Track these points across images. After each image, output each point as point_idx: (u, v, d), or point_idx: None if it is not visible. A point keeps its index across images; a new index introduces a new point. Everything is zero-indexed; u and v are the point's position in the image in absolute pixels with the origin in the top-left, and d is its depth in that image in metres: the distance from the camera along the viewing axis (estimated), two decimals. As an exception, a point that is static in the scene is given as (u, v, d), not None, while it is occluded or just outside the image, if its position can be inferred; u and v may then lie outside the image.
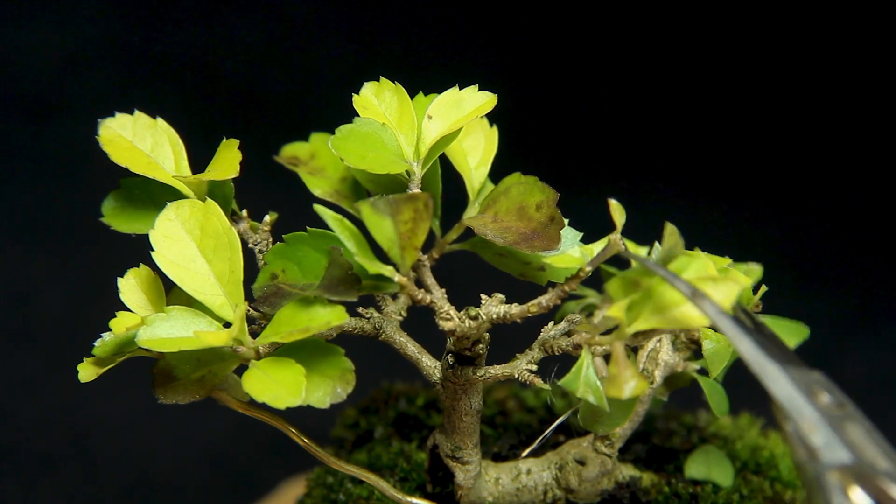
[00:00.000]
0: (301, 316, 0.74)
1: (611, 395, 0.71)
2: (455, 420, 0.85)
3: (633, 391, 0.70)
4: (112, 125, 0.84)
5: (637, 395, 0.71)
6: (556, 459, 0.91)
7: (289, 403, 0.71)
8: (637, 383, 0.70)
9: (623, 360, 0.71)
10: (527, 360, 0.80)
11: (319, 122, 0.91)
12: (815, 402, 0.66)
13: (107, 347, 0.78)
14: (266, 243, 0.85)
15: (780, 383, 0.67)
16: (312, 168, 0.89)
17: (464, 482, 0.87)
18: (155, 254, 0.77)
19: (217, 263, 0.77)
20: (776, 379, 0.67)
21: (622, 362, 0.71)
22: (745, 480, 0.98)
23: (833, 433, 0.65)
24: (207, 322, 0.76)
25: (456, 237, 0.82)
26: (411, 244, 0.71)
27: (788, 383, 0.67)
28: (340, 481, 0.96)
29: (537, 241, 0.77)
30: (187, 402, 0.78)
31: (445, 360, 0.81)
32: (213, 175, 0.81)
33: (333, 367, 0.75)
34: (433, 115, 0.81)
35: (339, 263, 0.74)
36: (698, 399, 0.91)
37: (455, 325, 0.76)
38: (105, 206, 0.85)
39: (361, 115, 0.81)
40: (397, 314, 0.85)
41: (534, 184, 0.80)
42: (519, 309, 0.76)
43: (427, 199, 0.70)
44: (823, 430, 0.65)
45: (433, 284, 0.78)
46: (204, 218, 0.78)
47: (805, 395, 0.67)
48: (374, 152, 0.78)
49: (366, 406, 1.08)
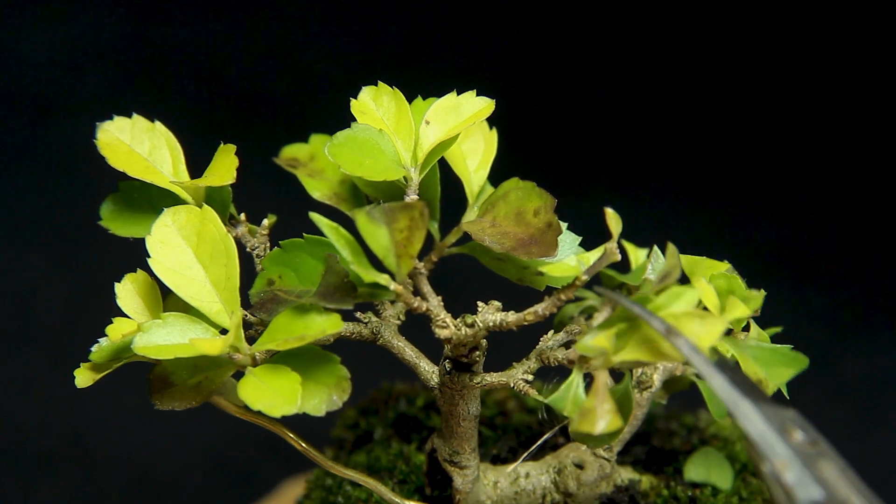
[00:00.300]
0: (297, 323, 0.74)
1: (581, 429, 0.70)
2: (453, 425, 0.85)
3: (605, 428, 0.69)
4: (110, 129, 0.84)
5: (610, 432, 0.70)
6: (554, 463, 0.91)
7: (284, 412, 0.71)
8: (610, 420, 0.69)
9: (602, 394, 0.70)
10: (523, 369, 0.79)
11: (319, 123, 0.91)
12: (789, 440, 0.66)
13: (103, 353, 0.77)
14: (264, 247, 0.85)
15: (753, 421, 0.67)
16: (311, 170, 0.88)
17: (462, 486, 0.87)
18: (151, 260, 0.77)
19: (213, 270, 0.77)
20: (750, 417, 0.67)
21: (601, 395, 0.70)
22: (744, 482, 0.98)
23: (806, 471, 0.66)
24: (204, 329, 0.76)
25: (454, 241, 0.82)
26: (407, 253, 0.71)
27: (762, 421, 0.67)
28: (339, 483, 0.96)
29: (535, 247, 0.77)
30: (184, 407, 0.78)
31: (443, 365, 0.81)
32: (211, 181, 0.81)
33: (329, 375, 0.75)
34: (431, 120, 0.81)
35: (336, 271, 0.74)
36: (699, 399, 0.91)
37: (451, 333, 0.76)
38: (103, 209, 0.84)
39: (359, 119, 0.81)
40: (395, 318, 0.85)
41: (532, 189, 0.80)
42: (515, 317, 0.76)
43: (423, 208, 0.70)
44: (796, 467, 0.66)
45: (430, 292, 0.78)
46: (201, 224, 0.78)
47: (778, 433, 0.67)
48: (371, 159, 0.78)
49: (365, 407, 1.08)
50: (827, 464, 0.66)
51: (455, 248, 0.82)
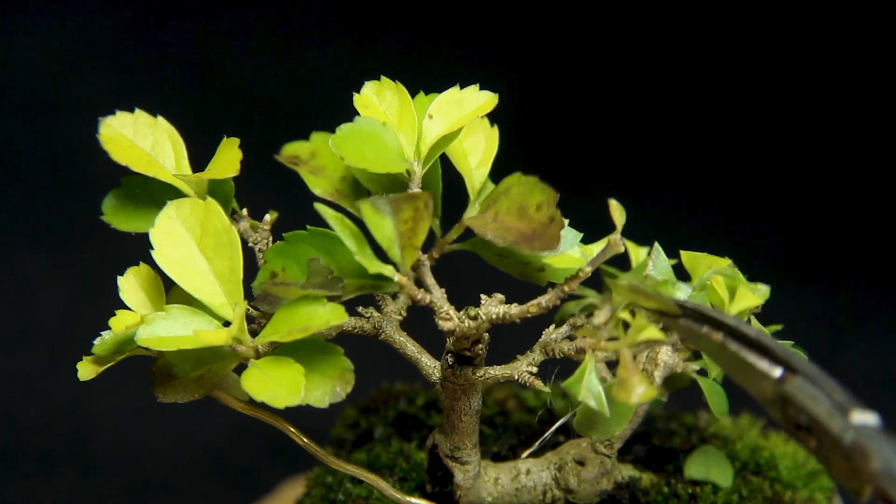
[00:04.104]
0: (300, 315, 0.74)
1: (620, 399, 0.70)
2: (454, 420, 0.85)
3: (641, 396, 0.70)
4: (113, 123, 0.84)
5: (643, 401, 0.71)
6: (555, 460, 0.91)
7: (288, 403, 0.71)
8: (645, 389, 0.69)
9: (631, 366, 0.70)
10: (527, 361, 0.80)
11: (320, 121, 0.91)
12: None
13: (106, 346, 0.78)
14: (266, 242, 0.85)
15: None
16: (313, 167, 0.88)
17: (463, 482, 0.87)
18: (155, 252, 0.77)
19: (217, 262, 0.77)
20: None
21: (630, 367, 0.70)
22: (744, 481, 0.98)
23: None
24: (207, 321, 0.76)
25: (456, 237, 0.82)
26: (411, 244, 0.71)
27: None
28: (340, 481, 0.96)
29: (537, 241, 0.77)
30: (186, 400, 0.78)
31: (445, 360, 0.81)
32: (214, 174, 0.81)
33: (333, 367, 0.75)
34: (434, 114, 0.81)
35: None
36: (699, 399, 0.91)
37: (454, 326, 0.76)
38: (105, 204, 0.84)
39: (362, 114, 0.81)
40: (397, 314, 0.85)
41: (534, 184, 0.80)
42: (518, 309, 0.76)
43: (427, 199, 0.70)
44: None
45: (433, 284, 0.78)
46: (204, 216, 0.78)
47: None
48: (374, 151, 0.78)
49: (366, 406, 1.08)
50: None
51: (457, 244, 0.83)
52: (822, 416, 0.66)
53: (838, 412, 0.66)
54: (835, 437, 0.66)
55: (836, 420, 0.66)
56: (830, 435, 0.66)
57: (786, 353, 0.68)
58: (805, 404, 0.67)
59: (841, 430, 0.66)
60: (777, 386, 0.68)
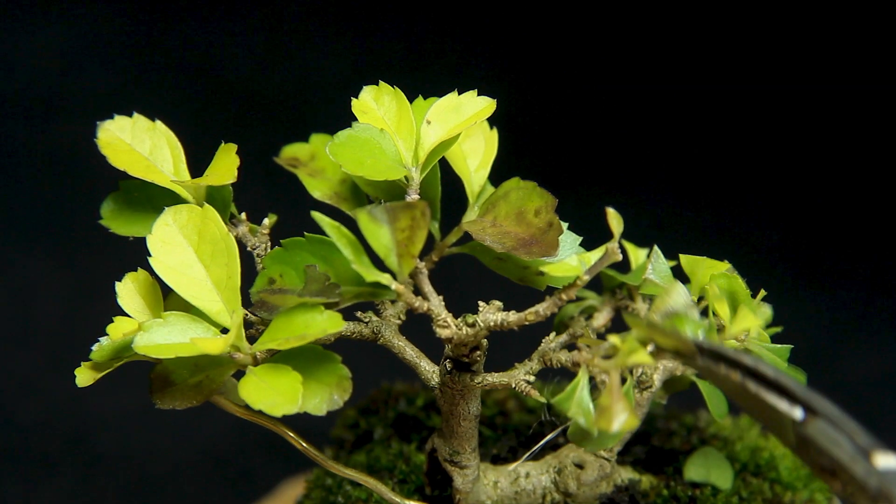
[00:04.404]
0: (298, 323, 0.73)
1: (600, 427, 0.69)
2: (453, 425, 0.85)
3: (622, 426, 0.69)
4: (111, 128, 0.84)
5: (625, 431, 0.70)
6: (554, 463, 0.91)
7: (285, 411, 0.71)
8: (627, 418, 0.69)
9: (616, 392, 0.69)
10: (525, 370, 0.79)
11: (320, 123, 0.91)
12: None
13: (104, 352, 0.77)
14: (265, 247, 0.85)
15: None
16: (312, 170, 0.88)
17: (462, 486, 0.87)
18: (152, 259, 0.77)
19: (214, 269, 0.77)
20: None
21: (615, 394, 0.69)
22: (744, 482, 0.98)
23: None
24: (205, 328, 0.76)
25: (455, 240, 0.82)
26: (408, 252, 0.71)
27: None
28: (339, 483, 0.96)
29: (536, 247, 0.77)
30: (184, 407, 0.78)
31: (443, 365, 0.81)
32: (211, 180, 0.81)
33: (330, 375, 0.75)
34: (432, 119, 0.81)
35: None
36: (699, 398, 0.91)
37: (452, 333, 0.76)
38: (104, 208, 0.84)
39: (360, 119, 0.81)
40: (396, 318, 0.85)
41: (532, 189, 0.80)
42: (516, 317, 0.76)
43: (424, 207, 0.70)
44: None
45: (431, 292, 0.78)
46: (202, 223, 0.78)
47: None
48: (372, 158, 0.78)
49: (365, 406, 1.08)
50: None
51: (456, 247, 0.82)
52: (846, 460, 0.66)
53: (861, 456, 0.66)
54: (860, 481, 0.65)
55: (859, 464, 0.65)
56: (855, 480, 0.66)
57: (805, 394, 0.67)
58: (827, 448, 0.66)
59: (865, 475, 0.65)
60: (798, 428, 0.68)
